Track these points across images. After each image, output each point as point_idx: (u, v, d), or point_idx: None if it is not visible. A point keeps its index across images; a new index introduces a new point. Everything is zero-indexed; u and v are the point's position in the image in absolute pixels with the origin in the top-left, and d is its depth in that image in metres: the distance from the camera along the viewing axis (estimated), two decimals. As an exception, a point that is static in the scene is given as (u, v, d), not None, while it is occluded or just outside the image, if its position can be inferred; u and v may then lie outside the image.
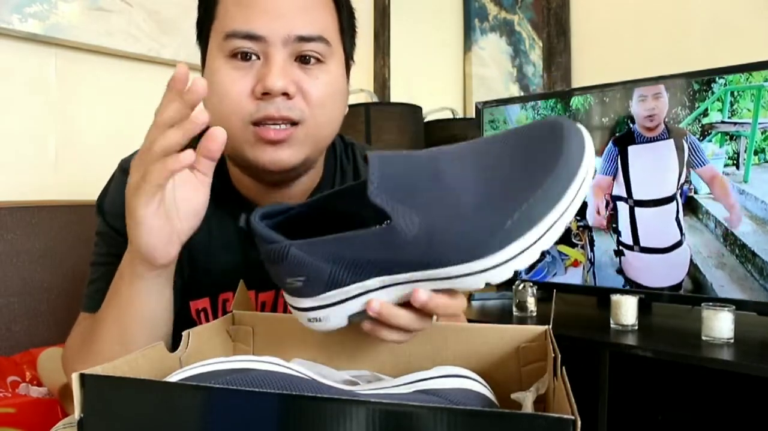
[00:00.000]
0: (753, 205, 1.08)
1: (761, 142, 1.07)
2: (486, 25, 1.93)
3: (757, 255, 1.07)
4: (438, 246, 0.41)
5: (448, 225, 0.41)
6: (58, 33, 1.28)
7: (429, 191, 0.42)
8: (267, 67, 0.60)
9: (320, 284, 0.45)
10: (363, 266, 0.44)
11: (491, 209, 0.41)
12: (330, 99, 0.64)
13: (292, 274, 0.46)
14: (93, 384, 0.36)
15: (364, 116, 1.64)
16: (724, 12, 1.40)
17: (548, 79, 1.69)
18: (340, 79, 0.66)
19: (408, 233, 0.41)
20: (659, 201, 1.19)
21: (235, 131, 0.61)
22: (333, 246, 0.44)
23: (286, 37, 0.60)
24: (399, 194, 0.42)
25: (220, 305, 0.71)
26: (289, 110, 0.60)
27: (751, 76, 1.07)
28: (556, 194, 0.41)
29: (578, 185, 0.41)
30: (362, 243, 0.43)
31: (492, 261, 0.41)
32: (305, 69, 0.62)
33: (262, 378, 0.40)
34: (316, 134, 0.63)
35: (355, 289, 0.45)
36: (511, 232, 0.41)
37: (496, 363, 0.52)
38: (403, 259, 0.42)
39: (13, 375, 1.01)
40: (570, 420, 0.30)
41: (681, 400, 1.19)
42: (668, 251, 1.18)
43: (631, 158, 1.22)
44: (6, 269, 1.11)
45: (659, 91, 1.18)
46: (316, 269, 0.45)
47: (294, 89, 0.60)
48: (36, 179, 1.29)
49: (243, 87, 0.60)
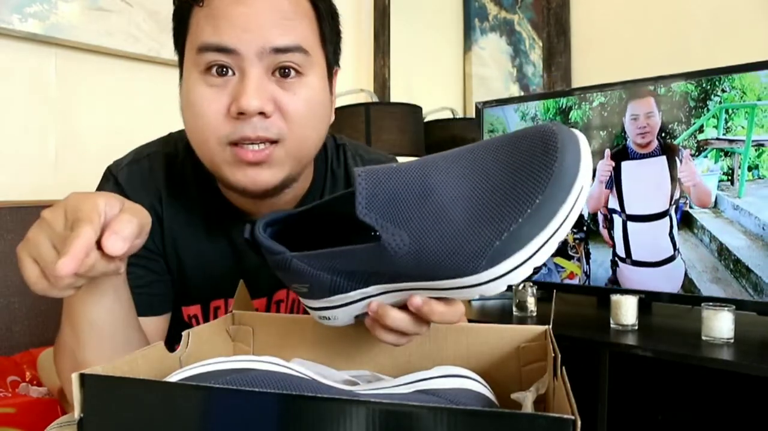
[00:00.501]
0: (747, 220, 1.09)
1: (755, 158, 1.09)
2: (486, 25, 1.93)
3: (752, 271, 1.08)
4: (427, 264, 0.42)
5: (437, 244, 0.41)
6: (58, 33, 1.28)
7: (418, 208, 0.42)
8: (242, 85, 0.57)
9: (324, 291, 0.47)
10: (360, 276, 0.45)
11: (480, 228, 0.41)
12: (310, 114, 0.61)
13: (297, 281, 0.48)
14: (93, 384, 0.36)
15: (364, 116, 1.63)
16: (724, 12, 1.40)
17: (548, 79, 1.69)
18: (321, 91, 0.62)
19: (398, 251, 0.42)
20: (651, 217, 1.20)
21: (213, 152, 0.59)
22: (329, 259, 0.45)
23: (260, 49, 0.57)
24: (388, 213, 0.42)
25: (211, 313, 0.72)
26: (266, 129, 0.57)
27: (745, 95, 1.09)
28: (547, 215, 0.40)
29: (572, 203, 0.40)
30: (355, 258, 0.44)
31: (482, 278, 0.41)
32: (283, 83, 0.59)
33: (262, 378, 0.40)
34: (296, 151, 0.61)
35: (356, 294, 0.47)
36: (500, 252, 0.40)
37: (496, 363, 0.52)
38: (397, 272, 0.43)
39: (13, 375, 1.01)
40: (570, 420, 0.30)
41: (681, 400, 1.19)
42: (660, 265, 1.19)
43: (624, 173, 1.24)
44: (6, 269, 1.11)
45: (651, 110, 1.19)
46: (317, 278, 0.46)
47: (271, 108, 0.57)
48: (36, 179, 1.29)
49: (218, 107, 0.57)
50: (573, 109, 1.30)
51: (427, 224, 0.41)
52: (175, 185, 0.70)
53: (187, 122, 0.61)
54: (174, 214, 0.69)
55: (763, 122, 1.07)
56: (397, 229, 0.42)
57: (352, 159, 0.77)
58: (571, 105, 1.30)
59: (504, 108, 1.40)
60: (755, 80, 1.08)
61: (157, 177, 0.69)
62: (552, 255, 1.35)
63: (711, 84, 1.13)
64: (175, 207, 0.69)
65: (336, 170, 0.76)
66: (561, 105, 1.32)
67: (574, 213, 0.40)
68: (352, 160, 0.76)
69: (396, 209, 0.42)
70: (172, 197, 0.69)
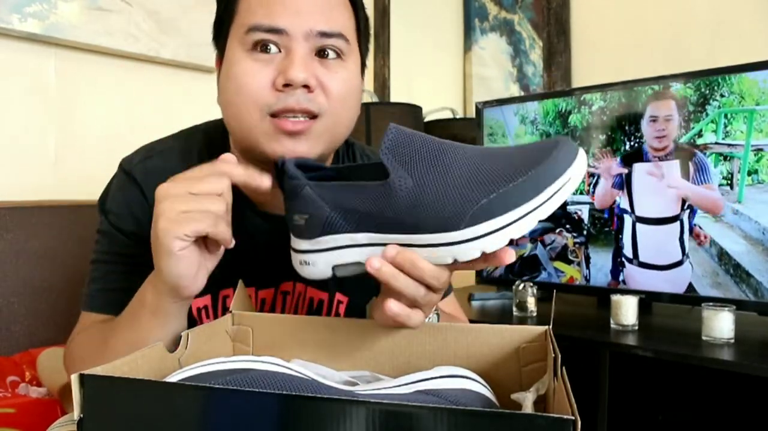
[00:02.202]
0: (747, 225, 1.09)
1: (754, 163, 1.08)
2: (486, 25, 1.93)
3: (752, 275, 1.08)
4: (420, 211, 0.46)
5: (432, 194, 0.46)
6: (58, 33, 1.28)
7: (428, 163, 0.47)
8: (289, 60, 0.60)
9: (317, 226, 0.51)
10: (356, 217, 0.49)
11: (473, 186, 0.45)
12: (348, 95, 0.64)
13: (300, 211, 0.52)
14: (93, 384, 0.36)
15: (364, 116, 1.64)
16: (725, 12, 1.39)
17: (548, 79, 1.69)
18: (357, 77, 0.67)
19: (399, 192, 0.47)
20: (662, 220, 1.19)
21: (252, 122, 0.61)
22: (336, 192, 0.50)
23: (308, 31, 0.60)
24: (402, 159, 0.48)
25: (220, 302, 0.72)
26: (309, 102, 0.60)
27: (744, 99, 1.09)
28: (535, 188, 0.44)
29: (559, 185, 0.45)
30: (360, 193, 0.49)
31: (460, 236, 0.45)
32: (325, 64, 0.62)
33: (262, 379, 0.40)
34: (333, 128, 0.64)
35: (344, 239, 0.50)
36: (483, 210, 0.45)
37: (496, 363, 0.52)
38: (390, 216, 0.48)
39: (13, 375, 1.01)
40: (570, 420, 0.30)
41: (681, 400, 1.19)
42: (667, 268, 1.19)
43: (635, 175, 1.23)
44: (6, 269, 1.11)
45: (671, 113, 1.18)
46: (318, 210, 0.51)
47: (315, 82, 0.61)
48: (36, 179, 1.28)
49: (263, 78, 0.60)
50: (572, 113, 1.30)
51: (430, 176, 0.47)
52: None
53: (229, 96, 0.63)
54: None
55: (762, 126, 1.07)
56: (405, 173, 0.47)
57: (361, 158, 0.79)
58: (570, 109, 1.31)
59: (504, 108, 1.40)
60: (754, 85, 1.08)
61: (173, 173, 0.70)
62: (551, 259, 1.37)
63: (710, 88, 1.13)
64: None
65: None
66: (560, 109, 1.32)
67: (558, 197, 0.45)
68: (361, 159, 0.79)
69: (410, 158, 0.48)
70: None
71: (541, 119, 1.34)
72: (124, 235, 0.69)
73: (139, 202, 0.69)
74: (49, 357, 1.03)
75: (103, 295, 0.68)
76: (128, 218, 0.69)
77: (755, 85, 1.07)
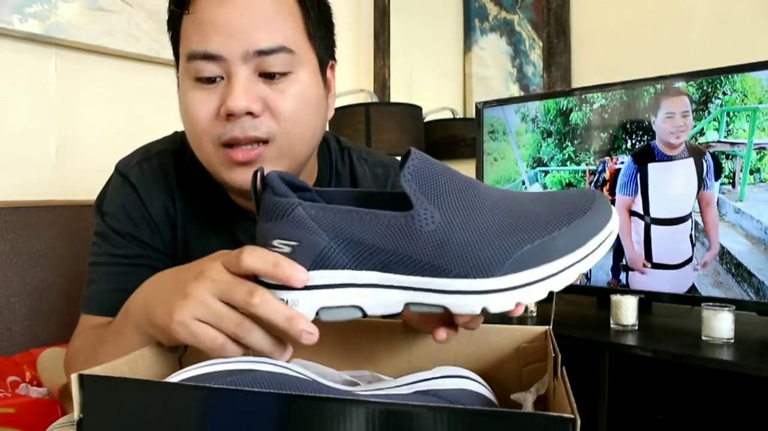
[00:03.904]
0: (749, 224, 1.09)
1: (756, 162, 1.08)
2: (486, 25, 1.93)
3: (753, 275, 1.08)
4: (449, 250, 0.40)
5: (465, 233, 0.40)
6: (58, 33, 1.28)
7: (457, 197, 0.41)
8: (229, 87, 0.58)
9: (308, 258, 0.42)
10: (363, 251, 0.41)
11: (513, 231, 0.40)
12: (302, 111, 0.61)
13: (285, 236, 0.42)
14: (92, 385, 0.36)
15: (364, 116, 1.63)
16: (725, 12, 1.39)
17: (548, 79, 1.69)
18: (312, 87, 0.62)
19: (424, 227, 0.40)
20: (675, 220, 1.18)
21: (208, 152, 0.60)
22: (343, 218, 0.41)
23: (245, 53, 0.57)
24: (427, 189, 0.41)
25: None
26: (255, 128, 0.58)
27: (747, 98, 1.08)
28: (582, 237, 0.40)
29: (602, 238, 0.41)
30: (374, 223, 0.41)
31: (495, 284, 0.40)
32: (270, 84, 0.59)
33: (263, 379, 0.40)
34: (289, 149, 0.61)
35: (341, 276, 0.42)
36: (524, 258, 0.39)
37: (496, 363, 0.52)
38: (406, 254, 0.40)
39: (13, 375, 1.01)
40: (570, 419, 0.30)
41: (681, 400, 1.19)
42: (678, 267, 1.17)
43: (651, 175, 1.21)
44: (6, 269, 1.11)
45: (686, 109, 1.16)
46: (313, 238, 0.41)
47: (259, 107, 0.58)
48: (36, 179, 1.28)
49: (209, 109, 0.59)
50: (573, 111, 1.30)
51: (461, 212, 0.41)
52: (186, 183, 0.71)
53: (185, 125, 0.63)
54: (185, 212, 0.70)
55: (764, 125, 1.07)
56: (431, 205, 0.41)
57: (358, 162, 0.77)
58: (571, 107, 1.30)
59: (504, 107, 1.40)
60: (756, 83, 1.07)
61: (168, 175, 0.70)
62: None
63: (712, 87, 1.12)
64: (186, 205, 0.70)
65: (341, 170, 0.76)
66: (561, 107, 1.32)
67: (600, 250, 0.41)
68: (358, 162, 0.77)
69: (436, 189, 0.41)
70: (184, 195, 0.70)
71: (542, 116, 1.34)
72: (120, 237, 0.69)
73: (135, 204, 0.69)
74: (49, 357, 1.03)
75: (100, 297, 0.68)
76: (125, 220, 0.69)
77: (758, 84, 1.07)
